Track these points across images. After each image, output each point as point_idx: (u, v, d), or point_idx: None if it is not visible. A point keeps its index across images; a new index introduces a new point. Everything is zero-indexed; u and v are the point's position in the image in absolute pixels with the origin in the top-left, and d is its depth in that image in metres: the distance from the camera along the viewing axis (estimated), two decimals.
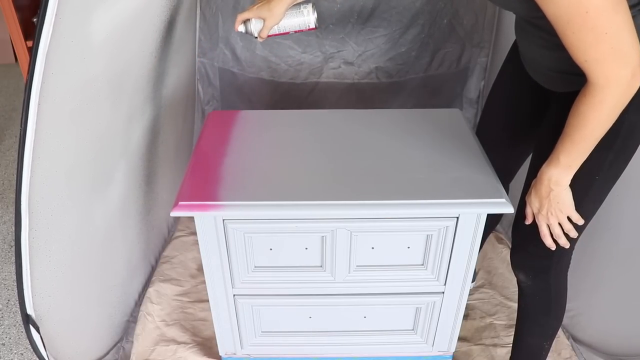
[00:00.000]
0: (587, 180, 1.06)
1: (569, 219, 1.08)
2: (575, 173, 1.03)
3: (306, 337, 1.43)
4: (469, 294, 1.49)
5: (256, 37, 1.31)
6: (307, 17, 1.30)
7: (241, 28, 1.31)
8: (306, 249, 1.25)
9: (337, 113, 1.49)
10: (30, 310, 1.06)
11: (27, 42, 2.36)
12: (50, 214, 1.07)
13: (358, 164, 1.27)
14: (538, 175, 1.07)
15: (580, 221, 1.08)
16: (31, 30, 2.44)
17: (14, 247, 2.03)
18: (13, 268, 1.93)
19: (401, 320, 1.41)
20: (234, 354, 1.47)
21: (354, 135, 1.38)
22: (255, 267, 1.28)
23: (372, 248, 1.25)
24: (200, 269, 1.78)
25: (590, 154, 1.00)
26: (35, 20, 2.45)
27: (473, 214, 1.18)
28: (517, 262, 1.24)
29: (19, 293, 1.04)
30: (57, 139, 1.04)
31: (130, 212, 1.54)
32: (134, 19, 1.29)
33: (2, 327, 1.72)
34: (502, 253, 1.85)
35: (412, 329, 1.42)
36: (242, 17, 1.30)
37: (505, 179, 1.39)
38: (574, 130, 0.96)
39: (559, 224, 1.08)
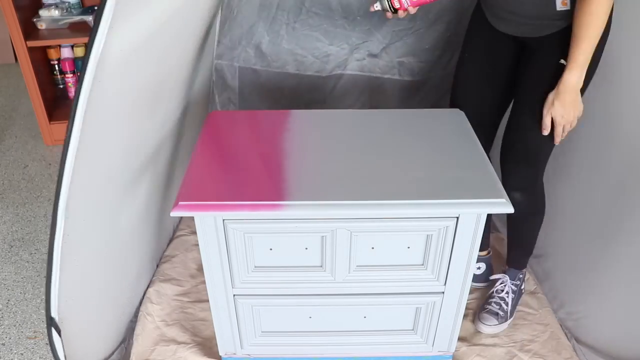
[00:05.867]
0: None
1: None
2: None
3: (306, 337, 1.43)
4: (470, 294, 1.49)
5: (394, 11, 1.26)
6: None
7: (377, 5, 1.26)
8: (306, 249, 1.25)
9: (338, 113, 1.50)
10: (54, 313, 1.07)
11: (27, 42, 2.37)
12: (83, 219, 1.08)
13: (358, 164, 1.27)
14: (560, 85, 1.22)
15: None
16: (31, 30, 2.44)
17: (14, 247, 2.03)
18: (13, 268, 1.94)
19: (401, 320, 1.41)
20: (234, 354, 1.47)
21: (354, 135, 1.38)
22: (255, 267, 1.28)
23: (372, 248, 1.25)
24: (200, 269, 1.78)
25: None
26: (35, 20, 2.45)
27: (473, 214, 1.18)
28: (514, 185, 1.39)
29: (47, 296, 1.05)
30: (99, 147, 1.05)
31: (150, 215, 1.55)
32: (177, 29, 1.29)
33: (2, 327, 1.72)
34: (503, 255, 1.84)
35: (412, 329, 1.42)
36: None
37: (491, 135, 1.58)
38: (587, 28, 1.14)
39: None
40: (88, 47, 0.90)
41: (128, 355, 1.54)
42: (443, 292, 1.32)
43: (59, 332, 1.08)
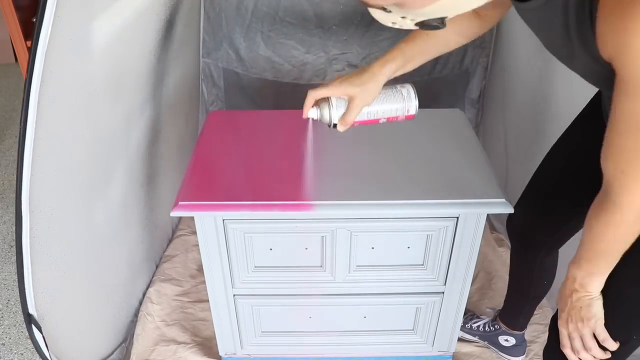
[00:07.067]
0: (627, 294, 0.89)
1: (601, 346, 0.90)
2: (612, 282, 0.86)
3: (306, 337, 1.43)
4: (469, 295, 1.49)
5: (334, 126, 1.00)
6: (407, 102, 1.03)
7: (313, 114, 0.99)
8: (306, 249, 1.25)
9: None
10: (32, 310, 1.06)
11: (27, 42, 2.36)
12: (50, 213, 1.07)
13: (358, 164, 1.27)
14: (567, 270, 0.91)
15: (609, 343, 0.89)
16: (31, 30, 2.44)
17: (14, 246, 2.03)
18: (13, 268, 1.93)
19: (401, 320, 1.41)
20: (234, 354, 1.47)
21: (354, 135, 1.38)
22: (255, 267, 1.28)
23: (372, 248, 1.25)
24: (200, 269, 1.78)
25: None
26: (35, 19, 2.45)
27: (473, 214, 1.18)
28: None
29: (21, 292, 1.04)
30: (57, 138, 1.04)
31: (131, 212, 1.54)
32: (133, 18, 1.29)
33: (2, 327, 1.72)
34: (503, 256, 1.84)
35: (412, 329, 1.42)
36: (316, 94, 0.99)
37: (558, 240, 1.25)
38: (591, 242, 0.83)
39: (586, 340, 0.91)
40: (34, 37, 0.88)
41: (128, 355, 1.54)
42: (443, 292, 1.32)
43: (39, 329, 1.07)
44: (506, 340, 1.49)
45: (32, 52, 0.89)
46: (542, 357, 1.09)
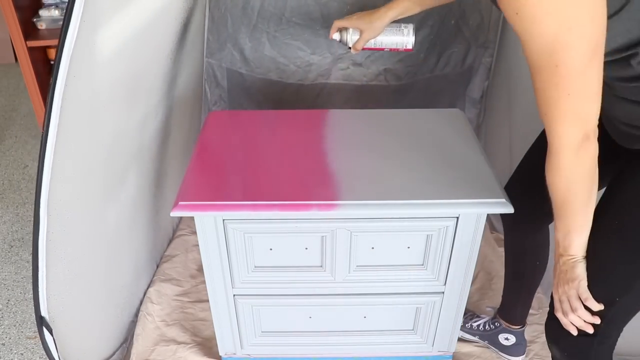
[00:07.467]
0: (609, 255, 0.93)
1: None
2: (599, 243, 0.91)
3: (306, 337, 1.43)
4: (469, 295, 1.49)
5: (349, 48, 1.31)
6: (406, 38, 1.30)
7: (336, 36, 1.31)
8: (306, 249, 1.25)
9: (338, 113, 1.49)
10: (44, 312, 1.06)
11: (27, 42, 2.36)
12: (67, 216, 1.08)
13: (358, 164, 1.27)
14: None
15: (591, 302, 0.93)
16: (31, 30, 2.44)
17: (14, 246, 2.03)
18: (13, 268, 1.93)
19: (401, 320, 1.41)
20: (234, 354, 1.47)
21: (354, 135, 1.38)
22: (255, 267, 1.28)
23: (372, 248, 1.25)
24: (200, 269, 1.78)
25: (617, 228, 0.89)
26: (35, 20, 2.45)
27: (473, 214, 1.18)
28: (552, 335, 1.07)
29: (34, 295, 1.04)
30: (77, 142, 1.05)
31: (140, 213, 1.55)
32: (152, 21, 1.29)
33: (2, 327, 1.72)
34: (503, 256, 1.84)
35: (412, 329, 1.42)
36: (338, 24, 1.29)
37: (549, 212, 1.27)
38: (554, 199, 0.90)
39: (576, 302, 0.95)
40: (59, 42, 0.89)
41: (128, 355, 1.54)
42: (443, 292, 1.32)
43: (50, 332, 1.07)
44: (506, 338, 1.49)
45: (57, 56, 0.90)
46: (544, 327, 1.10)
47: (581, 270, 0.93)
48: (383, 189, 1.19)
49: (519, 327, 1.49)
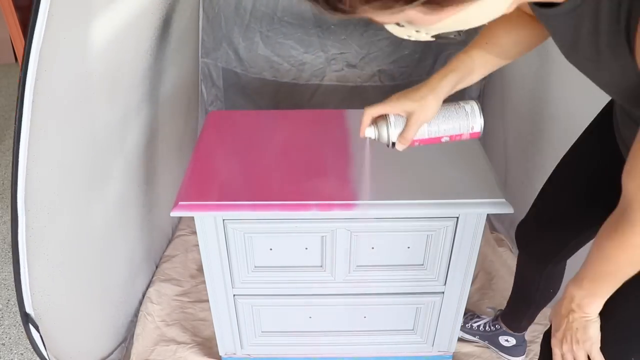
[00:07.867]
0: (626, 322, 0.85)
1: None
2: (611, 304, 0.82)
3: (306, 337, 1.43)
4: (469, 295, 1.49)
5: (392, 145, 0.94)
6: (472, 120, 0.94)
7: (370, 133, 0.93)
8: (306, 249, 1.25)
9: (338, 113, 1.49)
10: (29, 309, 1.06)
11: None
12: (46, 212, 1.07)
13: (358, 164, 1.27)
14: (565, 289, 0.86)
15: None
16: None
17: None
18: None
19: (401, 320, 1.41)
20: (234, 354, 1.47)
21: (354, 135, 1.38)
22: (255, 267, 1.28)
23: (372, 248, 1.25)
24: (200, 269, 1.78)
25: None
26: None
27: (473, 214, 1.18)
28: None
29: (17, 292, 1.04)
30: (52, 137, 1.04)
31: (129, 211, 1.54)
32: (129, 16, 1.28)
33: (2, 327, 1.72)
34: (503, 256, 1.84)
35: (412, 329, 1.42)
36: (373, 112, 0.92)
37: (567, 253, 1.22)
38: (598, 263, 0.79)
39: None
40: (28, 35, 0.88)
41: (128, 355, 1.54)
42: (443, 292, 1.32)
43: (37, 328, 1.07)
44: (506, 340, 1.49)
45: (25, 50, 0.89)
46: (541, 342, 1.04)
47: (595, 331, 0.84)
48: (383, 189, 1.19)
49: (520, 332, 1.49)
